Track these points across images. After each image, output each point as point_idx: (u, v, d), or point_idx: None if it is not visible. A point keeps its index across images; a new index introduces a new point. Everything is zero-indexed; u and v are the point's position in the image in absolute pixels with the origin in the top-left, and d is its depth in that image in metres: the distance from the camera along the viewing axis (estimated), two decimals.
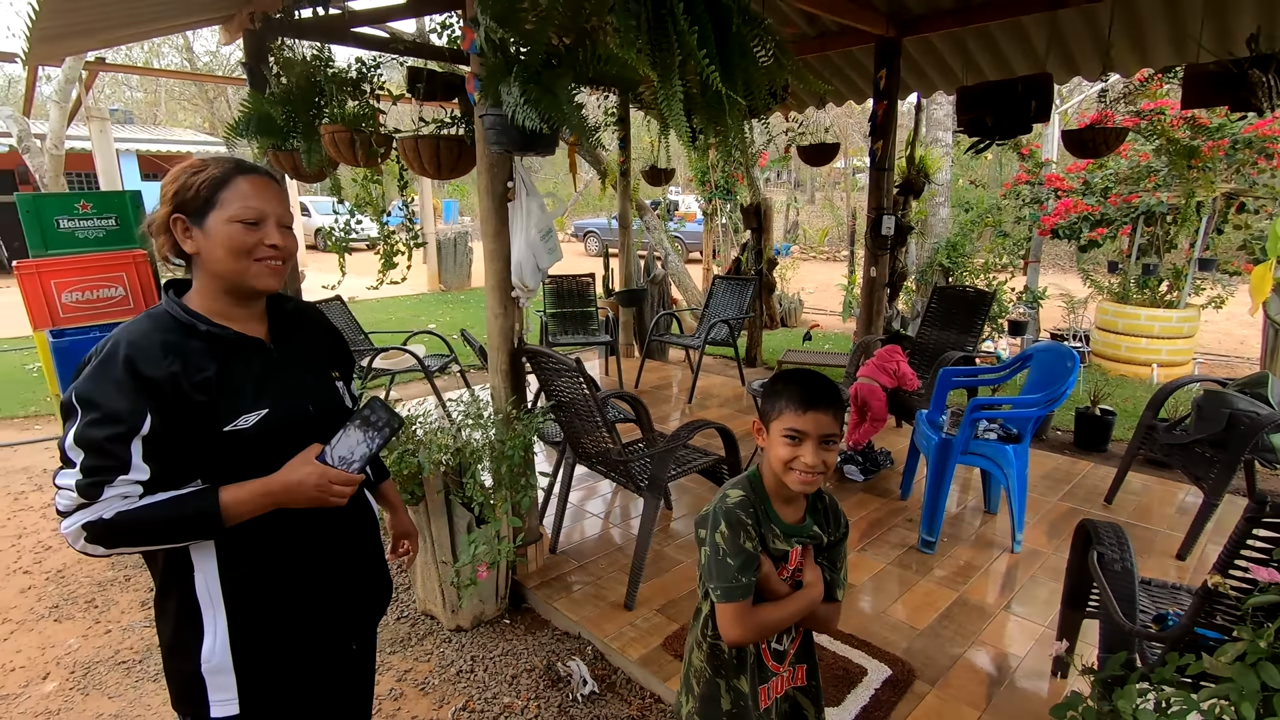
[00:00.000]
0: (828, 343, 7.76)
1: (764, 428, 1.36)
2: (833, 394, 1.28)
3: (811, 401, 1.25)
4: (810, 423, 1.25)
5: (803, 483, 1.27)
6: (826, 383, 1.30)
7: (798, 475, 1.26)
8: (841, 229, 20.12)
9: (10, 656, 2.52)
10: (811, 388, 1.28)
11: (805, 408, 1.25)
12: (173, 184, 1.18)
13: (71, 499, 1.05)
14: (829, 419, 1.25)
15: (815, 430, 1.24)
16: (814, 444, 1.25)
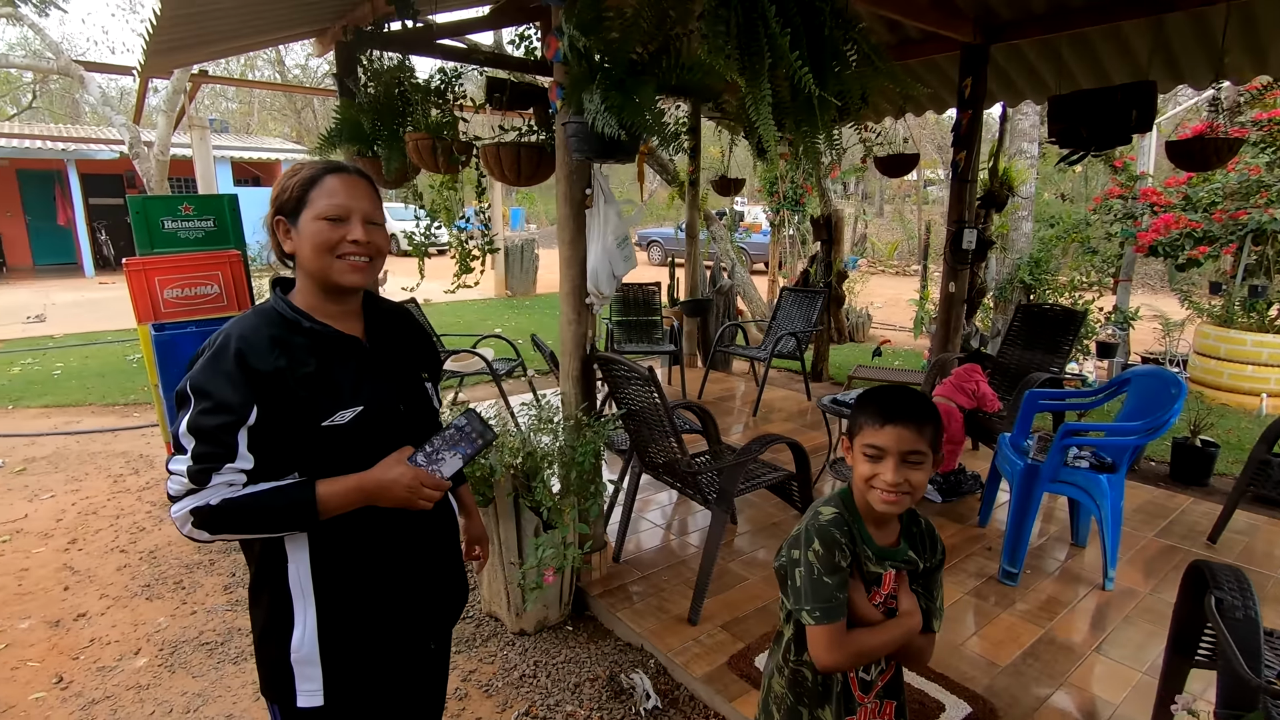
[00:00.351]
0: (897, 359, 7.51)
1: (850, 444, 1.30)
2: (918, 409, 1.21)
3: (891, 415, 1.20)
4: (890, 438, 1.19)
5: (885, 502, 1.21)
6: (913, 397, 1.23)
7: (879, 494, 1.21)
8: (912, 242, 19.57)
9: (107, 630, 2.67)
10: (893, 401, 1.22)
11: (884, 422, 1.20)
12: (276, 188, 1.23)
13: (182, 484, 1.09)
14: (911, 435, 1.19)
15: (895, 446, 1.19)
16: (894, 461, 1.19)
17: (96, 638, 2.62)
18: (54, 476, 4.18)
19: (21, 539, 3.40)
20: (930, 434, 1.21)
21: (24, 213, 15.78)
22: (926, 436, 1.20)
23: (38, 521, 3.58)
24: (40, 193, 15.66)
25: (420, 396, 1.34)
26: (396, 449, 1.21)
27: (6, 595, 2.91)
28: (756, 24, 1.66)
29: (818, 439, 4.65)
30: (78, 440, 4.84)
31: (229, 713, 2.22)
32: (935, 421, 1.23)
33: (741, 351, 5.79)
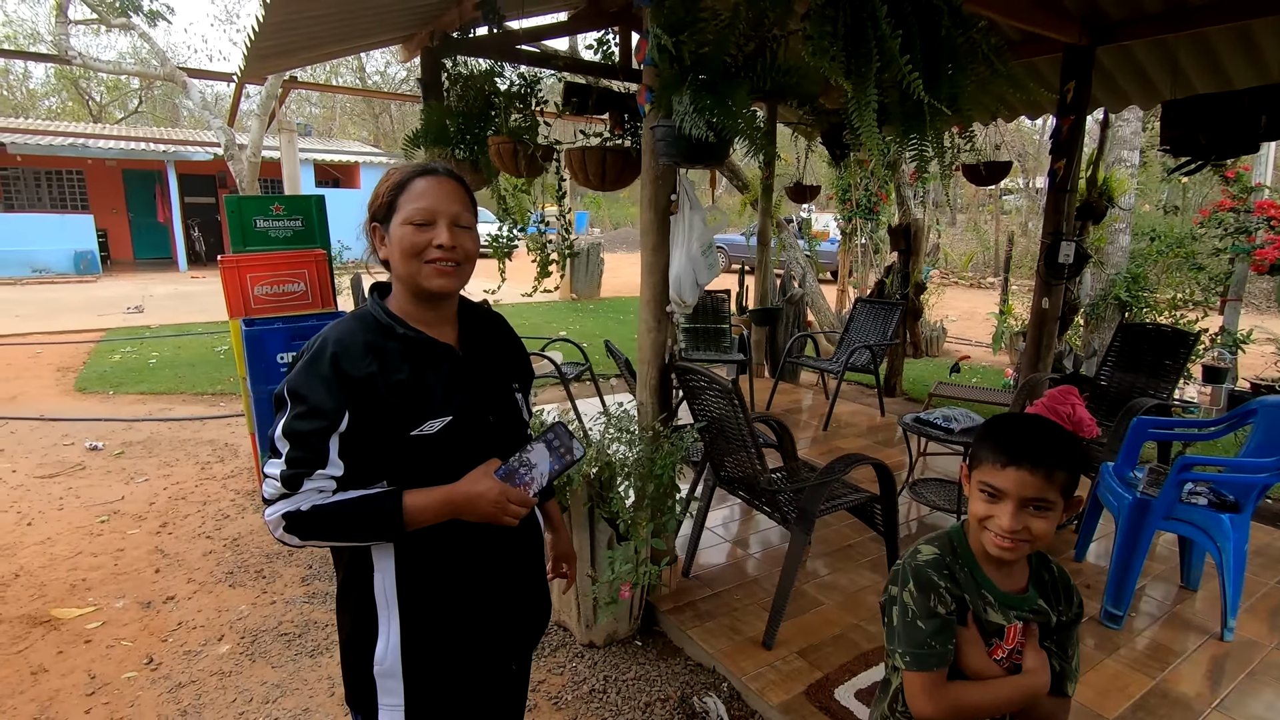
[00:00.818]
0: (975, 376, 7.17)
1: (969, 475, 1.19)
2: (1051, 449, 1.08)
3: (1016, 455, 1.07)
4: (1011, 481, 1.07)
5: (998, 547, 1.09)
6: (1047, 433, 1.10)
7: (993, 538, 1.10)
8: (988, 253, 18.78)
9: (193, 614, 2.76)
10: (1021, 438, 1.09)
11: (1007, 461, 1.08)
12: (373, 196, 1.20)
13: (276, 488, 1.09)
14: (1038, 480, 1.06)
15: (1016, 490, 1.07)
16: (1013, 506, 1.07)
17: (184, 621, 2.72)
18: (148, 461, 4.40)
19: (118, 520, 3.57)
20: (1062, 480, 1.08)
21: (127, 210, 16.90)
22: (1057, 483, 1.08)
23: (133, 504, 3.77)
24: (142, 191, 16.74)
25: (510, 407, 1.30)
26: (484, 461, 1.17)
27: (104, 574, 3.05)
28: (866, 25, 1.56)
29: (895, 458, 4.46)
30: (169, 427, 5.09)
31: (305, 706, 2.25)
32: (1070, 465, 1.09)
33: (812, 363, 5.63)
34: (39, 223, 14.01)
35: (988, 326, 10.55)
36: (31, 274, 13.55)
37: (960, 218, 24.56)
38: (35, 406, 5.49)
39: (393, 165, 1.26)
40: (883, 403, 5.54)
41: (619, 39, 4.45)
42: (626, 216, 28.93)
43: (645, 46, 2.33)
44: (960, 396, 4.49)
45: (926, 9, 1.57)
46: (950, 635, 1.10)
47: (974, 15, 1.65)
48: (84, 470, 4.23)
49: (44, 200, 15.97)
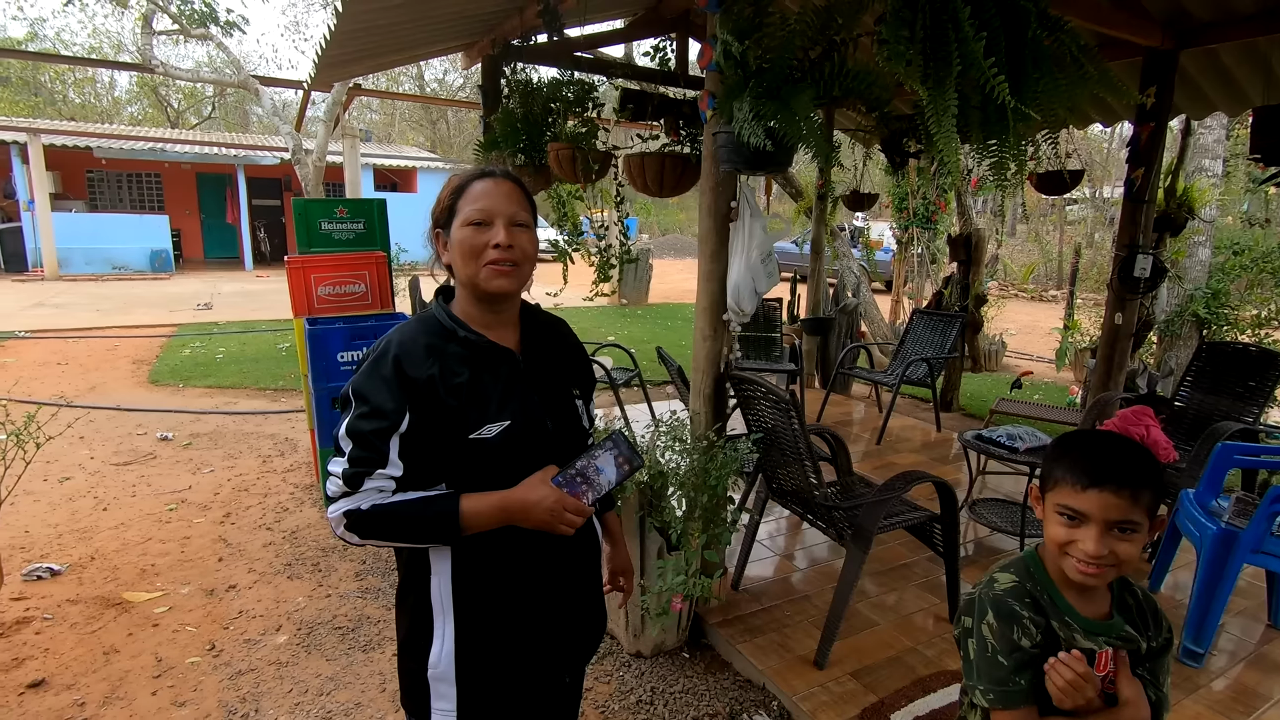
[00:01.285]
0: (1038, 393, 6.90)
1: (1041, 496, 1.13)
2: (1135, 468, 1.02)
3: (1100, 476, 1.01)
4: (1094, 503, 1.01)
5: (1081, 574, 1.03)
6: (1129, 451, 1.03)
7: (1074, 564, 1.03)
8: (1050, 265, 18.09)
9: (253, 604, 2.85)
10: (1103, 457, 1.03)
11: (1090, 483, 1.01)
12: (436, 203, 1.22)
13: (338, 486, 1.10)
14: (1124, 502, 1.00)
15: (1100, 514, 1.01)
16: (1097, 530, 1.01)
17: (244, 610, 2.80)
18: (214, 453, 4.58)
19: (186, 509, 3.72)
20: (1147, 500, 1.02)
21: (199, 211, 17.73)
22: (1143, 503, 1.01)
23: (199, 493, 3.92)
24: (214, 194, 17.55)
25: (569, 413, 1.29)
26: (542, 467, 1.16)
27: (171, 560, 3.17)
28: (946, 27, 1.51)
29: (951, 475, 4.31)
30: (234, 420, 5.29)
31: (357, 701, 2.29)
32: (1156, 484, 1.03)
33: (866, 375, 5.50)
34: (119, 222, 14.82)
35: (1050, 341, 10.15)
36: (112, 270, 14.32)
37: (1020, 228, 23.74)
38: (113, 397, 5.78)
39: (453, 172, 1.27)
40: (939, 418, 5.37)
41: (676, 45, 4.45)
42: (675, 223, 28.93)
43: (709, 52, 2.32)
44: (1023, 414, 4.31)
45: (1012, 11, 1.50)
46: (1036, 669, 1.04)
47: (1060, 17, 1.57)
48: (155, 459, 4.43)
49: (124, 201, 16.88)
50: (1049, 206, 19.30)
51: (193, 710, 2.23)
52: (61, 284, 12.81)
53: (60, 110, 23.90)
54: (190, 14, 8.22)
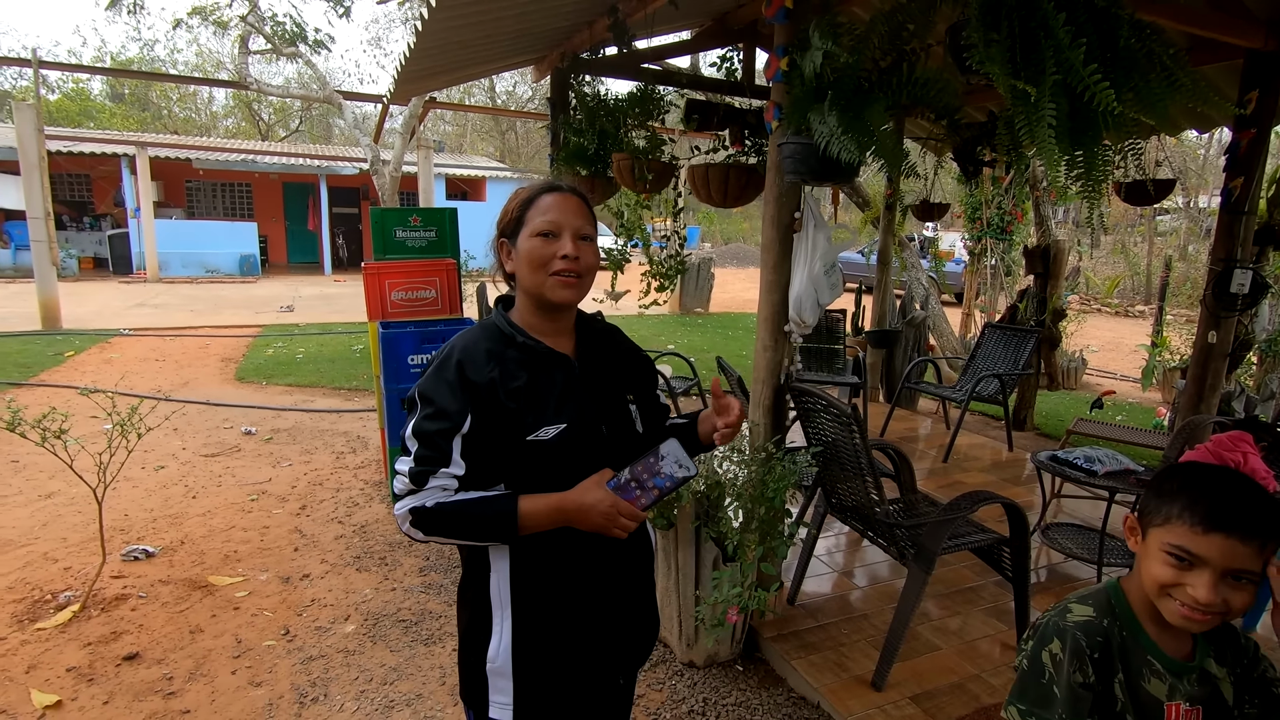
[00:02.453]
0: (1120, 413, 6.52)
1: (1138, 528, 1.07)
2: (1266, 515, 0.92)
3: (1223, 520, 0.92)
4: (1214, 549, 0.92)
5: (1184, 619, 0.95)
6: (1259, 496, 0.95)
7: (1177, 608, 0.96)
8: (1137, 279, 17.10)
9: (325, 593, 2.99)
10: (1230, 500, 0.94)
11: (1211, 526, 0.92)
12: (502, 213, 1.27)
13: (404, 484, 1.16)
14: (1249, 550, 0.91)
15: (1220, 561, 0.92)
16: (1212, 577, 0.92)
17: (316, 598, 2.94)
18: (292, 447, 4.83)
19: (265, 500, 3.94)
20: (1272, 549, 0.93)
21: (285, 218, 18.75)
22: (1268, 554, 0.92)
23: (278, 486, 4.14)
24: (298, 202, 18.53)
25: (624, 419, 1.31)
26: (597, 470, 1.19)
27: (251, 548, 3.37)
28: (1037, 34, 1.46)
29: (1023, 497, 4.13)
30: (311, 417, 5.56)
31: (419, 692, 2.37)
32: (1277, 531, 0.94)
33: (933, 390, 5.33)
34: (213, 229, 15.85)
35: (1136, 359, 9.59)
36: (205, 273, 15.31)
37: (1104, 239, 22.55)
38: (203, 392, 6.18)
39: (521, 181, 1.32)
40: (1011, 437, 5.15)
41: (742, 56, 4.46)
42: (737, 232, 28.76)
43: (775, 63, 2.32)
44: (1104, 435, 4.09)
45: (1104, 17, 1.44)
46: (1085, 712, 0.99)
47: (1152, 24, 1.50)
48: (240, 452, 4.70)
49: (218, 209, 18.03)
50: (1137, 217, 18.26)
51: (268, 691, 2.36)
52: (161, 285, 13.78)
53: (165, 124, 25.79)
54: (282, 34, 8.75)
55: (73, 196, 16.71)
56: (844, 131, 1.75)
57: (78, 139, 14.93)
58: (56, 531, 3.46)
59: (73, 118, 22.19)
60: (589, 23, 3.81)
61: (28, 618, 2.73)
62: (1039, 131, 1.40)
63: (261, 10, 8.60)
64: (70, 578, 3.04)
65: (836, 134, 1.77)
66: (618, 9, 3.35)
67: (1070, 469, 3.12)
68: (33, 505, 3.76)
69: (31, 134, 8.63)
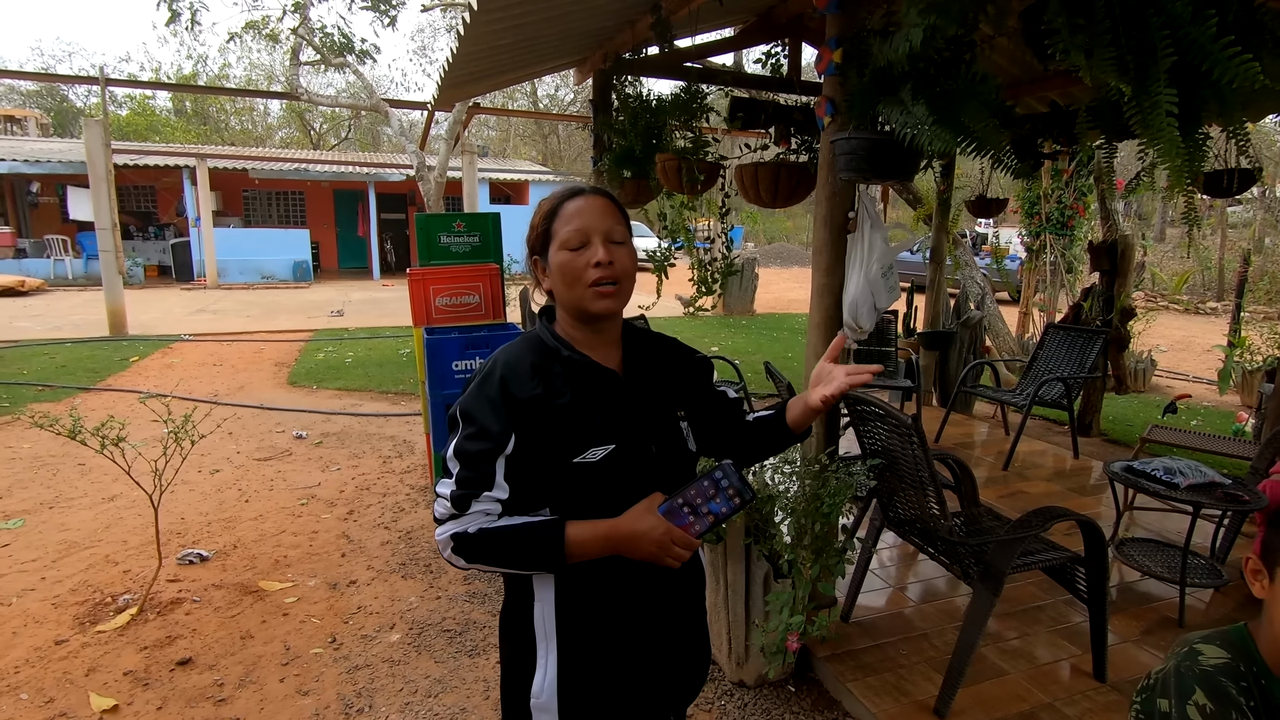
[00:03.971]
0: (1195, 418, 6.14)
1: (1264, 570, 0.94)
2: None
3: None
4: None
5: None
6: None
7: None
8: (1208, 274, 16.22)
9: (371, 600, 2.99)
10: None
11: None
12: (530, 230, 1.20)
13: (446, 508, 1.10)
14: None
15: None
16: None
17: (362, 606, 2.95)
18: (340, 451, 4.90)
19: (315, 504, 3.99)
20: None
21: (335, 225, 19.27)
22: None
23: (327, 490, 4.19)
24: (348, 209, 19.02)
25: (674, 437, 1.23)
26: (647, 494, 1.12)
27: (301, 553, 3.40)
28: (1144, 12, 1.31)
29: (1091, 508, 3.90)
30: (359, 421, 5.65)
31: (463, 705, 2.34)
32: None
33: (992, 394, 5.10)
34: (268, 236, 16.38)
35: (1209, 360, 9.06)
36: (260, 280, 15.82)
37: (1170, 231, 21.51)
38: (257, 396, 6.34)
39: (562, 183, 1.25)
40: (1076, 443, 4.88)
41: (788, 52, 4.33)
42: (781, 231, 28.38)
43: (827, 55, 2.21)
44: (1182, 444, 3.83)
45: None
46: None
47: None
48: (291, 456, 4.79)
49: (273, 217, 18.64)
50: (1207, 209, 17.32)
51: (314, 700, 2.36)
52: (220, 291, 14.30)
53: (224, 137, 26.85)
54: (331, 45, 8.95)
55: (139, 207, 17.49)
56: (935, 122, 1.62)
57: (143, 152, 15.64)
58: (118, 534, 3.56)
59: (140, 132, 23.28)
60: (631, 22, 3.75)
61: (89, 620, 2.80)
62: (1155, 118, 1.26)
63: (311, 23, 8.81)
64: (129, 580, 3.12)
65: (926, 124, 1.64)
66: (660, 6, 3.28)
67: (1148, 480, 2.91)
68: (97, 508, 3.88)
69: (99, 148, 9.03)
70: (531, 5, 2.84)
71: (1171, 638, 2.72)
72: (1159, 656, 2.61)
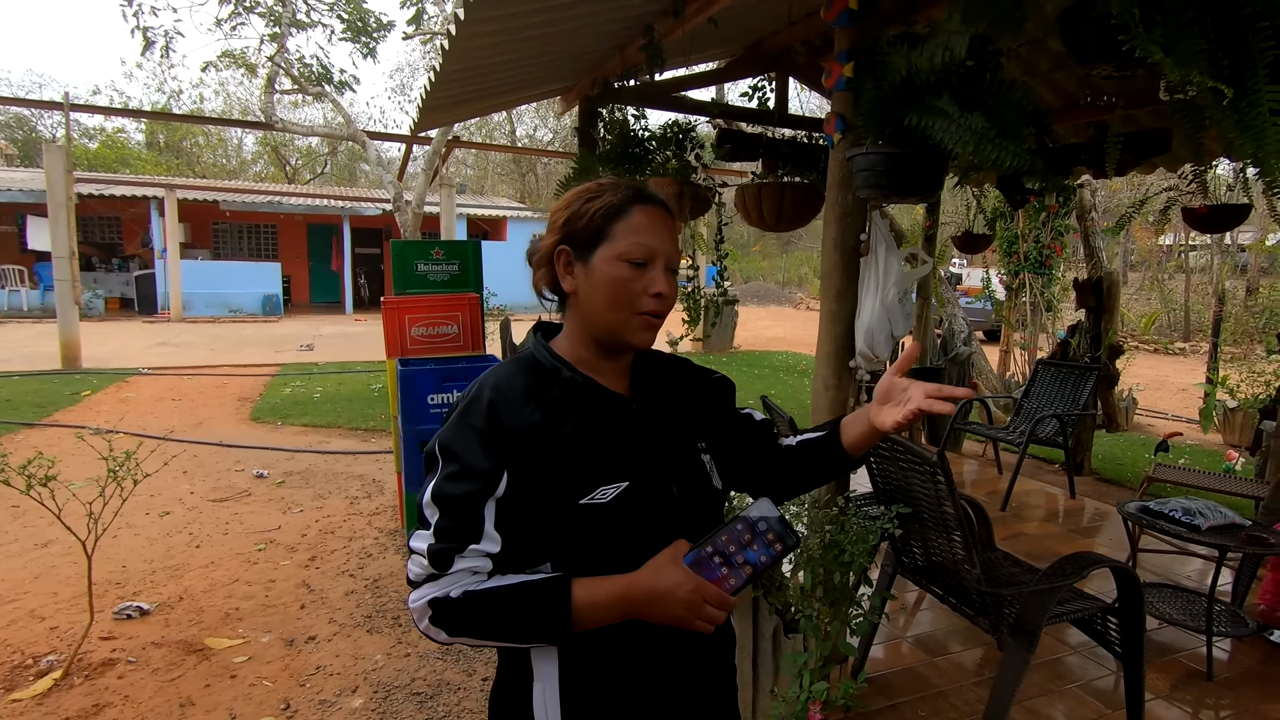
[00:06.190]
0: (1183, 456, 6.09)
1: None
2: None
3: None
4: None
5: None
6: None
7: None
8: (1173, 314, 16.59)
9: (331, 659, 2.69)
10: None
11: None
12: (565, 210, 0.98)
13: (422, 567, 0.89)
14: None
15: None
16: None
17: (322, 665, 2.64)
18: (304, 492, 4.58)
19: (273, 550, 3.67)
20: None
21: (308, 258, 18.94)
22: None
23: (287, 534, 3.87)
24: (322, 242, 18.73)
25: (698, 475, 1.02)
26: (668, 541, 0.91)
27: (255, 605, 3.08)
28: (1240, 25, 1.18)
29: (1094, 549, 3.74)
30: (325, 460, 5.32)
31: None
32: None
33: (986, 431, 4.98)
34: (237, 269, 15.99)
35: (1185, 399, 9.14)
36: (227, 313, 15.37)
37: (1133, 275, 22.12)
38: (216, 432, 5.98)
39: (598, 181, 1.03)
40: (1072, 482, 4.77)
41: (775, 85, 4.30)
42: (757, 270, 28.65)
43: (837, 70, 2.09)
44: (1186, 483, 3.71)
45: None
46: None
47: None
48: (249, 497, 4.46)
49: (244, 250, 18.25)
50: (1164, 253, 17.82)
51: None
52: (184, 325, 13.83)
53: (195, 170, 26.48)
54: (308, 75, 8.83)
55: (104, 238, 17.00)
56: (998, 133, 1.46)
57: (110, 182, 15.26)
58: (48, 585, 3.21)
59: (109, 164, 22.82)
60: (620, 47, 3.65)
61: (3, 686, 2.46)
62: (1255, 119, 1.12)
63: (289, 53, 8.69)
64: (56, 639, 2.77)
65: (990, 136, 1.48)
66: (653, 28, 3.18)
67: (1167, 522, 2.76)
68: (27, 555, 3.52)
69: (60, 174, 8.71)
70: (520, 20, 2.71)
71: (1202, 693, 2.54)
72: (1190, 714, 2.43)
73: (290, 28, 8.45)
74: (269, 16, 8.60)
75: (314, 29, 8.61)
